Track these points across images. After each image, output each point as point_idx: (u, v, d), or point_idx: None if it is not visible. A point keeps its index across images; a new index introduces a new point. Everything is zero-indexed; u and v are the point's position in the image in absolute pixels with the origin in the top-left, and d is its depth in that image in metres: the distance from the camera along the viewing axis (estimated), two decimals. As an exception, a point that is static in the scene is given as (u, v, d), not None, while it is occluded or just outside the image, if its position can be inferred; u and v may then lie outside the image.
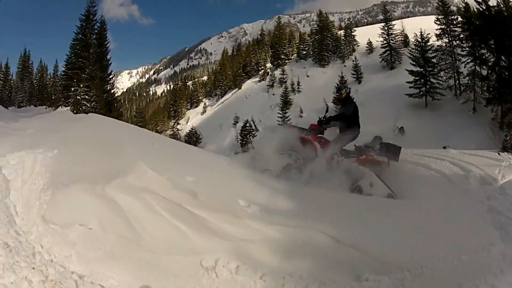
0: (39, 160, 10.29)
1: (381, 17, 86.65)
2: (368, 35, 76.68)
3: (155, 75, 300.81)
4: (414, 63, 54.32)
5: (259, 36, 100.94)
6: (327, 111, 10.53)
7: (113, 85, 38.98)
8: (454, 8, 54.27)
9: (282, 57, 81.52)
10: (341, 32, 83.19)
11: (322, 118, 10.08)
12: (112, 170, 8.36)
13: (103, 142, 10.89)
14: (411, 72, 53.82)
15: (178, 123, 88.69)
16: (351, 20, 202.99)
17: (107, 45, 38.47)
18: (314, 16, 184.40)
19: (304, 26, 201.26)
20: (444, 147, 19.25)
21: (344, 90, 10.68)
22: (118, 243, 7.04)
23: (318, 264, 5.91)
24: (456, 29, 50.19)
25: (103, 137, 11.55)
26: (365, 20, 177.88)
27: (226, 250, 6.28)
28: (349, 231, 6.36)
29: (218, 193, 7.60)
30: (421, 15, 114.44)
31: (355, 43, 78.68)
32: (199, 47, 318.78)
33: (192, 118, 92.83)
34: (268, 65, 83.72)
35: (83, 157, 10.15)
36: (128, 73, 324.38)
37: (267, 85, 77.22)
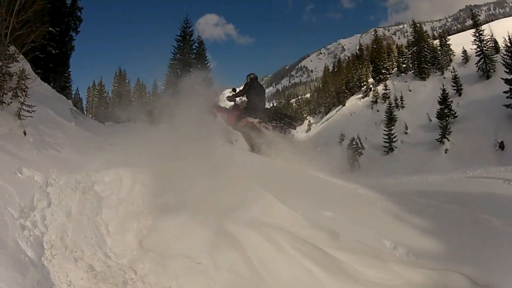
0: (140, 179, 9.41)
1: (469, 22, 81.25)
2: (462, 43, 70.57)
3: None
4: (507, 70, 49.30)
5: (357, 51, 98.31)
6: (234, 90, 14.47)
7: (218, 102, 38.07)
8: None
9: (383, 71, 78.62)
10: (436, 41, 78.63)
11: (231, 95, 13.85)
12: (231, 199, 7.33)
13: (218, 162, 9.74)
14: (506, 81, 48.87)
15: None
16: (442, 28, 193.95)
17: (208, 65, 38.13)
18: (408, 27, 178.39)
19: (399, 38, 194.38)
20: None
21: (248, 76, 14.07)
22: (233, 283, 5.88)
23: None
24: (536, 29, 45.43)
25: (219, 156, 10.41)
26: (455, 27, 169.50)
27: (361, 297, 5.21)
28: (486, 270, 5.55)
29: (362, 233, 6.52)
30: (502, 17, 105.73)
31: (451, 52, 73.99)
32: (299, 65, 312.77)
33: (297, 136, 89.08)
34: (370, 80, 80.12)
35: (193, 179, 8.94)
36: (230, 92, 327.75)
37: (371, 101, 72.28)
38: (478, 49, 62.83)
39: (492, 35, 63.49)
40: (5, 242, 6.18)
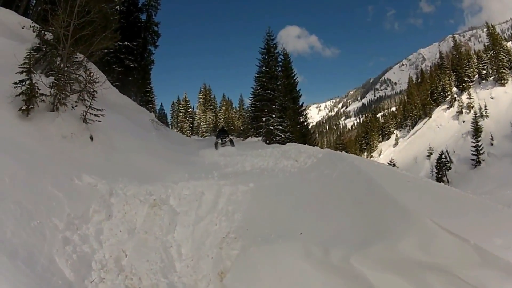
0: (226, 194, 7.70)
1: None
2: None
3: (344, 108, 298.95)
4: None
5: (438, 60, 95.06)
6: (225, 131, 22.02)
7: (306, 116, 37.17)
8: None
9: (466, 79, 74.77)
10: (510, 44, 73.27)
11: (221, 139, 20.11)
12: (363, 226, 5.00)
13: (335, 178, 7.31)
14: None
15: (371, 156, 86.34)
16: (509, 29, 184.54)
17: (294, 77, 35.90)
18: (481, 31, 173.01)
19: (474, 44, 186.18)
20: None
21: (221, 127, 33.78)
22: None
23: None
24: None
25: (332, 171, 7.83)
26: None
27: None
28: None
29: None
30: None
31: (525, 53, 69.16)
32: (383, 78, 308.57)
33: (385, 151, 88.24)
34: (454, 89, 77.28)
35: (300, 196, 7.11)
36: (316, 107, 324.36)
37: (456, 112, 70.60)
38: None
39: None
40: (36, 259, 4.57)
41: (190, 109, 67.91)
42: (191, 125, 65.06)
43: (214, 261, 5.66)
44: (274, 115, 30.45)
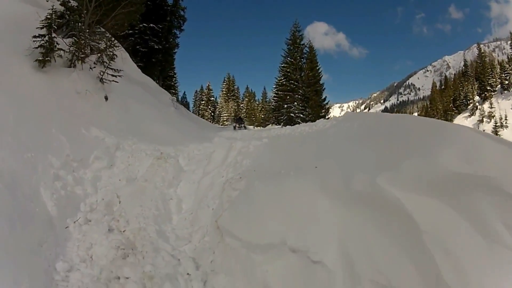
0: (237, 148, 7.47)
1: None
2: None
3: (366, 110, 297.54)
4: None
5: (462, 68, 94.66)
6: (241, 119, 27.91)
7: (328, 110, 36.30)
8: None
9: (488, 88, 74.79)
10: None
11: (238, 124, 25.66)
12: (392, 151, 4.01)
13: (356, 127, 6.50)
14: None
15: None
16: None
17: (319, 70, 35.47)
18: (505, 43, 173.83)
19: (498, 55, 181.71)
20: None
21: (237, 116, 36.28)
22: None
23: None
24: None
25: (353, 123, 7.04)
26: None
27: None
28: None
29: None
30: None
31: (546, 68, 67.56)
32: (407, 82, 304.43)
33: None
34: (476, 98, 76.64)
35: (317, 145, 6.42)
36: (339, 107, 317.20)
37: (478, 120, 70.90)
38: None
39: None
40: (19, 186, 4.35)
41: (212, 98, 68.34)
42: (212, 113, 65.26)
43: (214, 212, 5.19)
44: (296, 103, 31.30)
